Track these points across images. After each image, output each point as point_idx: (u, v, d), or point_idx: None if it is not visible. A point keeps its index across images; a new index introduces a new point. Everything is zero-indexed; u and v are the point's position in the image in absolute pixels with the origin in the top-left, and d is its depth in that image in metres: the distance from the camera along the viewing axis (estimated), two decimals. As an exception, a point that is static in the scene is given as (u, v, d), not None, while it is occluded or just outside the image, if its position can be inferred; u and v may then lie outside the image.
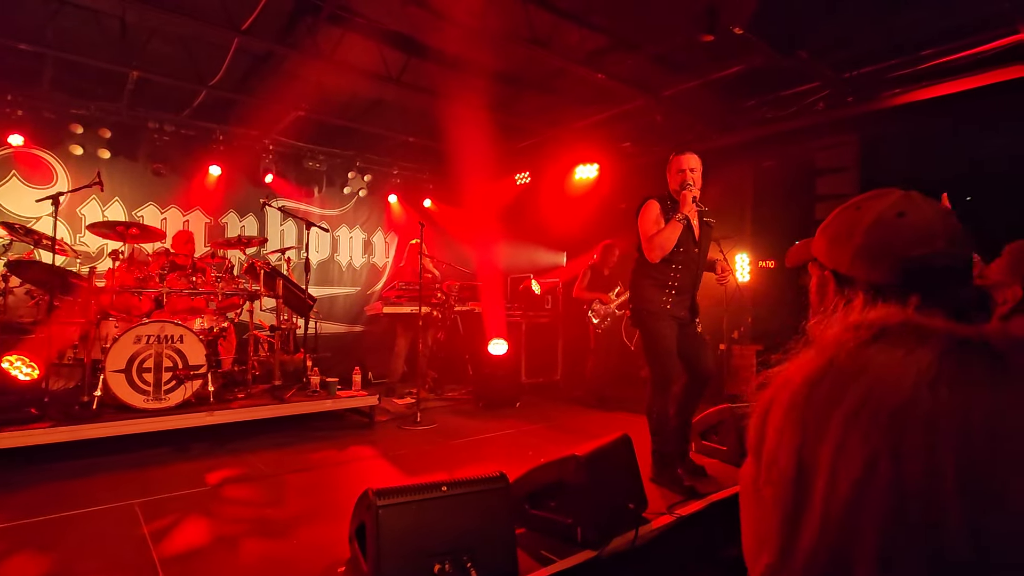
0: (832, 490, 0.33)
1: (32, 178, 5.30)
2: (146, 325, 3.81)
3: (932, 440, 0.30)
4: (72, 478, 3.26)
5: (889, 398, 0.32)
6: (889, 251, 0.80)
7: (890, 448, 0.31)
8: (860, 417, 0.33)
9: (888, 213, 0.81)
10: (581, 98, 5.82)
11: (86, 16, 4.19)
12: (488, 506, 2.03)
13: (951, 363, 0.32)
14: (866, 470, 0.32)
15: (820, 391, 0.36)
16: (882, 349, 0.35)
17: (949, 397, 0.31)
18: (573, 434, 4.48)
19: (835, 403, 0.34)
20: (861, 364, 0.35)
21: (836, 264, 0.85)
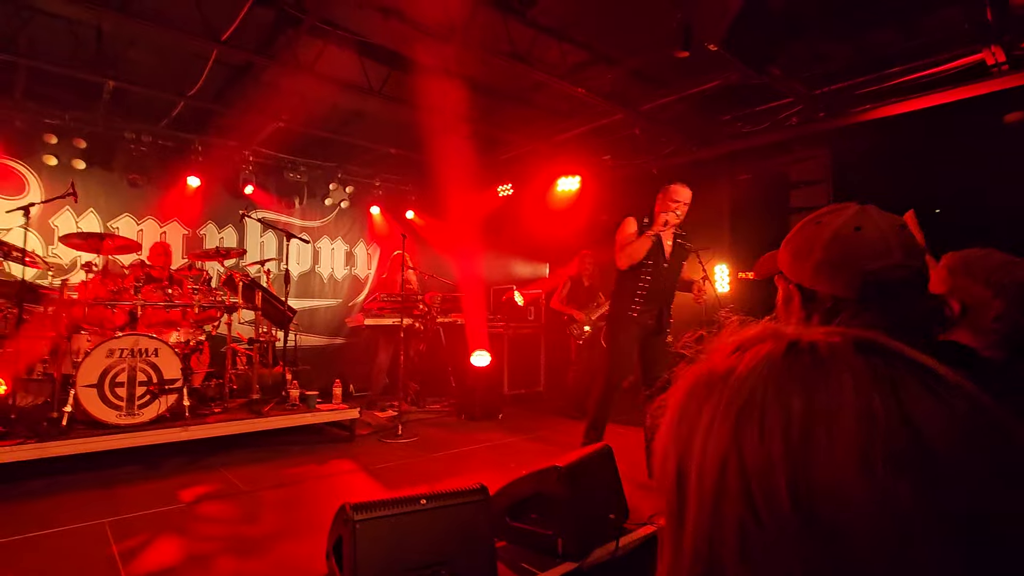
0: (700, 494, 0.35)
1: (3, 189, 5.18)
2: (120, 339, 3.73)
3: (763, 437, 0.33)
4: (39, 497, 3.16)
5: (735, 402, 0.35)
6: (847, 265, 0.82)
7: (736, 448, 0.34)
8: (715, 421, 0.36)
9: (845, 228, 0.84)
10: (562, 111, 5.89)
11: (60, 25, 4.13)
12: (468, 519, 2.02)
13: (781, 364, 0.36)
14: (721, 469, 0.34)
15: (691, 402, 0.39)
16: (735, 359, 0.38)
17: (774, 397, 0.34)
18: (555, 445, 4.47)
19: (699, 411, 0.37)
20: (718, 374, 0.38)
21: (799, 278, 0.87)
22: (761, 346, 0.38)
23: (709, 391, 0.38)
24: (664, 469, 0.40)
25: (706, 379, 0.39)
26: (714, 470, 0.34)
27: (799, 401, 0.33)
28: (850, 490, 0.30)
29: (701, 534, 0.35)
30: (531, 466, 2.55)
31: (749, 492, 0.33)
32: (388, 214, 7.82)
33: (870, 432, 0.31)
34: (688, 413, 0.39)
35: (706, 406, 0.37)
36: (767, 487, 0.32)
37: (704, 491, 0.35)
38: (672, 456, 0.39)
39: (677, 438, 0.39)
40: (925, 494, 0.30)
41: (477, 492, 2.10)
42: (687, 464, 0.37)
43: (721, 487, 0.34)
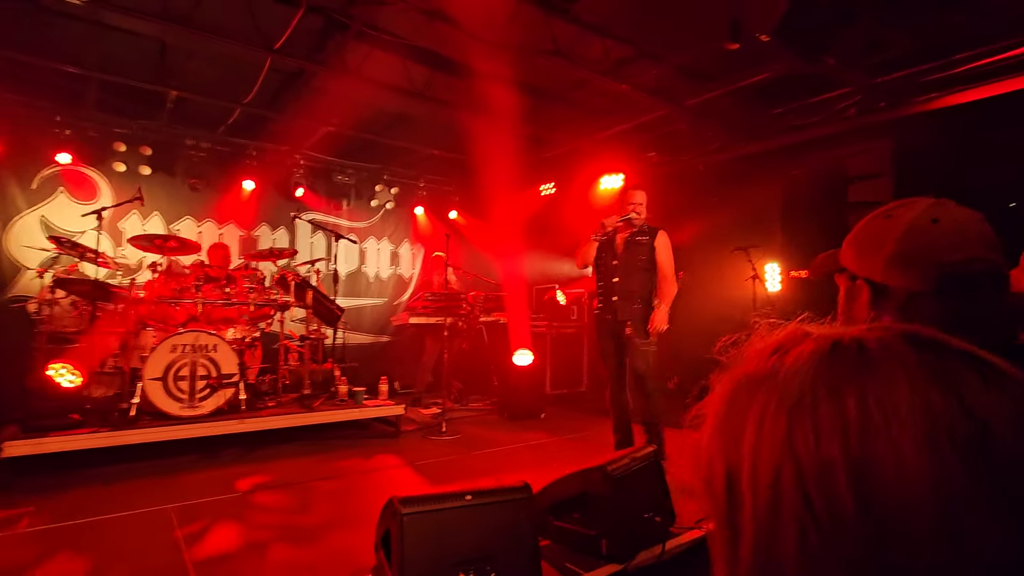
0: (756, 499, 0.35)
1: (78, 194, 5.56)
2: (182, 335, 3.94)
3: (818, 438, 0.33)
4: (111, 482, 3.38)
5: (784, 404, 0.35)
6: (923, 257, 0.78)
7: (789, 450, 0.33)
8: (764, 424, 0.35)
9: (921, 219, 0.80)
10: (605, 109, 5.83)
11: (128, 39, 4.39)
12: (512, 517, 2.03)
13: (828, 363, 0.35)
14: (775, 472, 0.34)
15: (733, 407, 0.38)
16: (777, 360, 0.38)
17: (826, 396, 0.34)
18: (599, 446, 4.42)
19: (744, 415, 0.37)
20: (761, 376, 0.38)
21: (868, 272, 0.83)
22: (803, 346, 0.37)
23: (752, 395, 0.37)
24: (711, 476, 0.39)
25: (747, 383, 0.38)
26: (768, 474, 0.34)
27: (853, 400, 0.33)
28: (915, 486, 0.30)
29: (759, 540, 0.35)
30: (574, 466, 2.54)
31: (807, 494, 0.32)
32: (432, 214, 7.94)
33: (932, 426, 0.31)
34: (732, 418, 0.38)
35: (751, 410, 0.36)
36: (826, 488, 0.32)
37: (759, 496, 0.34)
38: (719, 462, 0.38)
39: (723, 444, 0.38)
40: (993, 483, 0.30)
41: (521, 490, 2.10)
42: (737, 470, 0.36)
43: (777, 491, 0.33)
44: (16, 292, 5.13)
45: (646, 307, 3.76)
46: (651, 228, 3.84)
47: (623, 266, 3.80)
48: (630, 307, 3.75)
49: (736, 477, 0.36)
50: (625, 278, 3.77)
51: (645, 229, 3.84)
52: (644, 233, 3.82)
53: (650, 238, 3.80)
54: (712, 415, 0.40)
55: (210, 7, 4.05)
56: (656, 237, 3.80)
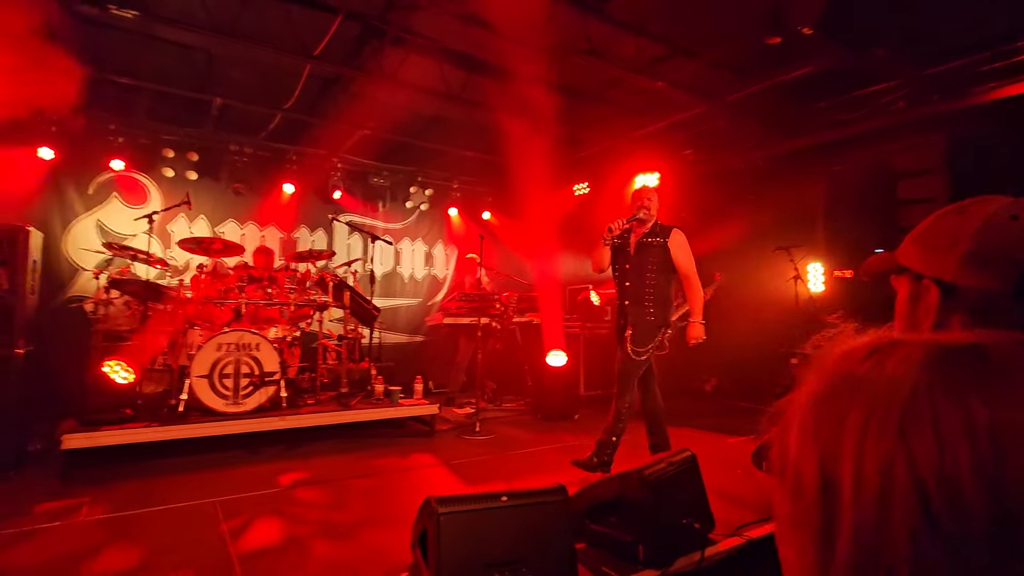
0: (859, 498, 0.34)
1: (130, 199, 5.82)
2: (227, 334, 4.07)
3: (941, 443, 0.32)
4: (160, 475, 3.53)
5: (894, 407, 0.34)
6: (1002, 256, 0.73)
7: (904, 454, 0.33)
8: (869, 426, 0.35)
9: (999, 216, 0.75)
10: (639, 107, 5.76)
11: (177, 50, 4.58)
12: (548, 519, 2.02)
13: (943, 370, 0.35)
14: (885, 477, 0.33)
15: (828, 408, 0.38)
16: (874, 365, 0.37)
17: (946, 401, 0.33)
18: (633, 449, 4.36)
19: (843, 416, 0.36)
20: (859, 379, 0.37)
21: (938, 272, 0.79)
22: (906, 351, 0.36)
23: (851, 399, 0.36)
24: (799, 479, 0.38)
25: (842, 386, 0.38)
26: (876, 480, 0.33)
27: (979, 405, 0.32)
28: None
29: (861, 544, 0.34)
30: (611, 468, 2.51)
31: (926, 497, 0.32)
32: (465, 215, 8.00)
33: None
34: (826, 422, 0.37)
35: (851, 415, 0.36)
36: (952, 496, 0.31)
37: (864, 502, 0.34)
38: (810, 466, 0.37)
39: (816, 448, 0.37)
40: None
41: (557, 492, 2.09)
42: (835, 474, 0.36)
43: (886, 497, 0.33)
44: (74, 292, 5.41)
45: (661, 313, 3.58)
46: (664, 228, 3.63)
47: (633, 270, 3.63)
48: (640, 312, 3.58)
49: (833, 481, 0.36)
50: (636, 282, 3.61)
51: (657, 229, 3.63)
52: (656, 234, 3.62)
53: (663, 239, 3.60)
54: (800, 417, 0.40)
55: (253, 17, 4.19)
56: (669, 237, 3.58)
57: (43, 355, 4.10)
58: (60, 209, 5.47)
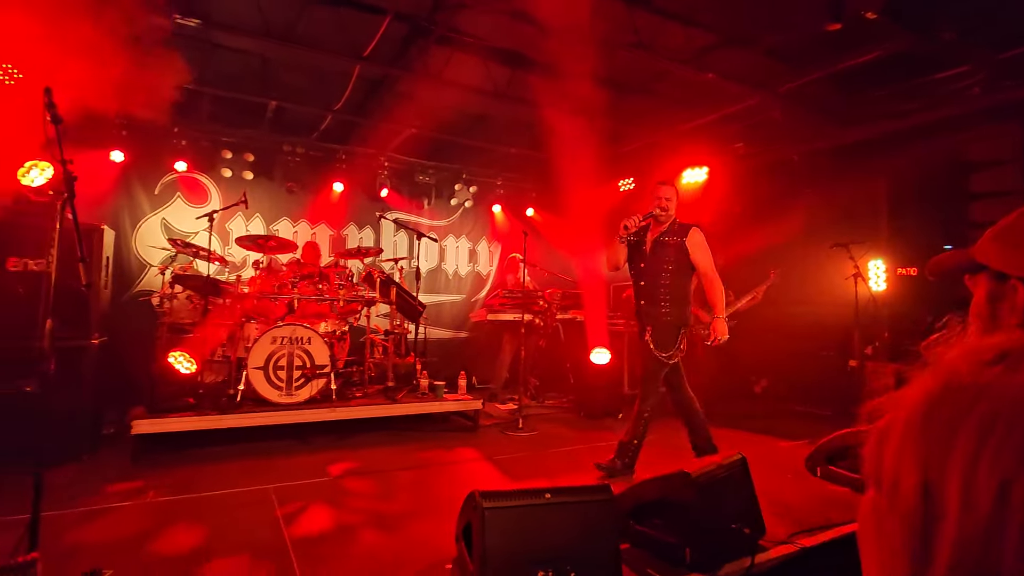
0: (968, 512, 0.32)
1: (192, 198, 6.14)
2: (280, 328, 4.24)
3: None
4: (219, 461, 3.71)
5: (1020, 421, 0.32)
6: None
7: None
8: (989, 439, 0.32)
9: None
10: (687, 99, 5.61)
11: (235, 56, 4.78)
12: (592, 518, 2.00)
13: None
14: (1001, 492, 0.31)
15: (940, 413, 0.35)
16: (1004, 372, 0.34)
17: None
18: (678, 450, 4.28)
19: (958, 424, 0.34)
20: (982, 386, 0.34)
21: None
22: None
23: (972, 404, 0.34)
24: (897, 483, 0.36)
25: (965, 389, 0.35)
26: (991, 493, 0.31)
27: None
28: None
29: (965, 559, 0.32)
30: (653, 469, 2.47)
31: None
32: (509, 212, 8.02)
33: None
34: (938, 425, 0.35)
35: (969, 420, 0.33)
36: None
37: (974, 515, 0.32)
38: (912, 468, 0.36)
39: (922, 451, 0.35)
40: None
41: (602, 491, 2.07)
42: (940, 482, 0.34)
43: (1001, 513, 0.31)
44: (142, 287, 5.76)
45: (678, 312, 3.48)
46: (682, 227, 3.53)
47: (649, 269, 3.56)
48: (655, 312, 3.50)
49: (937, 490, 0.34)
50: (651, 282, 3.53)
51: (675, 228, 3.53)
52: (673, 233, 3.52)
53: (680, 238, 3.49)
54: (904, 419, 0.37)
55: (307, 22, 4.33)
56: (688, 236, 3.48)
57: (115, 346, 4.38)
58: (130, 208, 5.82)
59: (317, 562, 2.34)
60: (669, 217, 3.54)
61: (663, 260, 3.50)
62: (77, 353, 3.67)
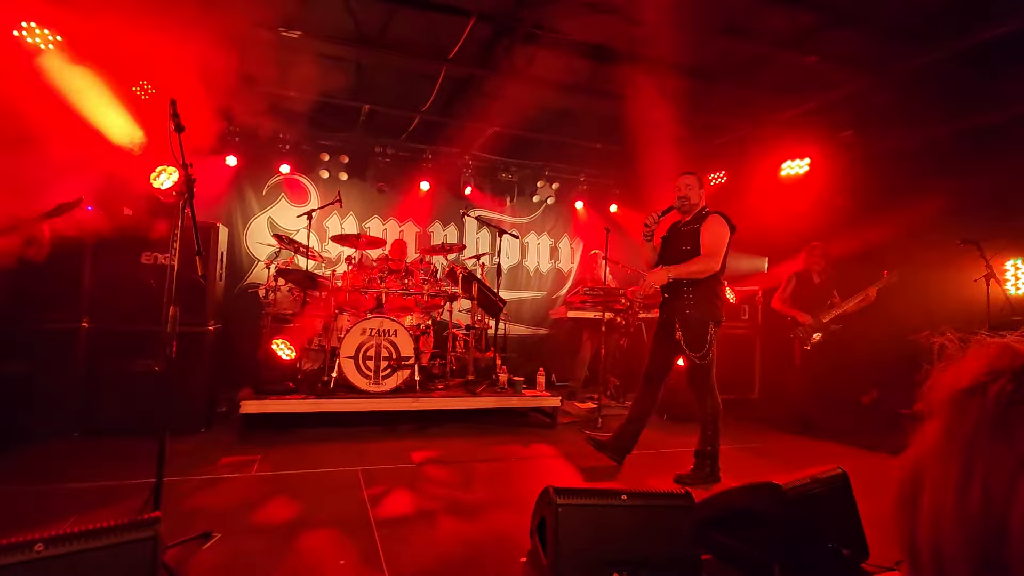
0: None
1: (294, 198, 6.63)
2: (370, 320, 4.47)
3: None
4: (313, 442, 3.98)
5: None
6: None
7: None
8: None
9: None
10: (787, 86, 5.22)
11: (332, 64, 5.08)
12: (670, 523, 1.92)
13: None
14: None
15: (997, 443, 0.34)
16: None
17: None
18: (769, 459, 4.02)
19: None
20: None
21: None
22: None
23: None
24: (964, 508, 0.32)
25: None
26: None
27: None
28: None
29: None
30: (739, 478, 2.32)
31: None
32: (591, 208, 7.91)
33: None
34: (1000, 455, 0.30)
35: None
36: None
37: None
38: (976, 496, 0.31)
39: (985, 479, 0.31)
40: None
41: (682, 497, 1.98)
42: (1005, 514, 0.31)
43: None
44: (251, 280, 6.31)
45: (704, 306, 3.37)
46: (705, 213, 3.45)
47: (668, 257, 3.50)
48: (680, 306, 3.40)
49: (1000, 521, 0.30)
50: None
51: (699, 215, 3.46)
52: (695, 220, 3.46)
53: (699, 225, 3.41)
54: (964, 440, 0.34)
55: (396, 28, 4.51)
56: (705, 222, 3.39)
57: (227, 333, 4.83)
58: (241, 208, 6.39)
59: (398, 542, 2.44)
60: (692, 208, 3.48)
61: (679, 248, 3.44)
62: (196, 338, 4.08)
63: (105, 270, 3.94)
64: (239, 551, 2.30)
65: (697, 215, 3.48)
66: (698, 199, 3.50)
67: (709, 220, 3.40)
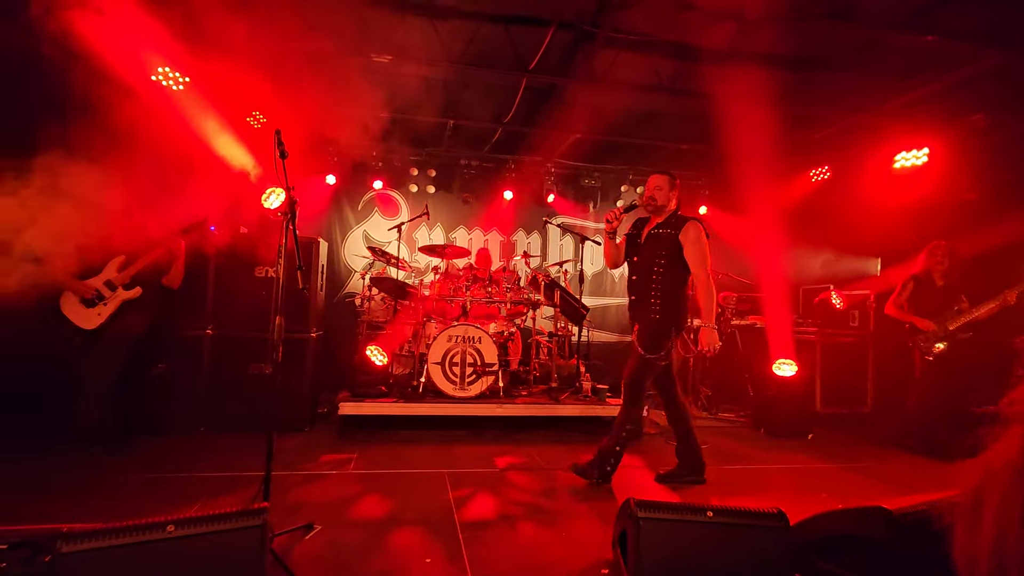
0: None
1: (386, 212, 7.02)
2: (455, 327, 4.62)
3: None
4: (403, 443, 4.17)
5: None
6: None
7: None
8: None
9: None
10: (898, 70, 4.75)
11: (419, 83, 5.33)
12: (761, 545, 1.81)
13: None
14: None
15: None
16: None
17: None
18: (885, 482, 3.64)
19: None
20: None
21: None
22: None
23: None
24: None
25: None
26: None
27: None
28: None
29: None
30: (845, 501, 2.13)
31: None
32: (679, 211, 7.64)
33: None
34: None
35: None
36: None
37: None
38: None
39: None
40: None
41: (774, 517, 1.86)
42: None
43: None
44: (348, 290, 6.75)
45: (670, 312, 3.25)
46: (679, 219, 3.33)
47: (641, 263, 3.40)
48: (645, 310, 3.31)
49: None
50: (642, 277, 3.36)
51: (672, 220, 3.35)
52: (668, 225, 3.34)
53: (674, 231, 3.28)
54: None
55: (479, 44, 4.66)
56: (683, 230, 3.26)
57: (327, 339, 5.21)
58: (339, 222, 6.87)
59: (481, 545, 2.50)
60: (661, 209, 3.40)
61: (655, 254, 3.33)
62: (301, 344, 4.44)
63: (225, 282, 4.41)
64: (337, 543, 2.46)
65: (672, 219, 3.38)
66: (666, 200, 3.40)
67: (689, 229, 3.28)
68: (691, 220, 3.32)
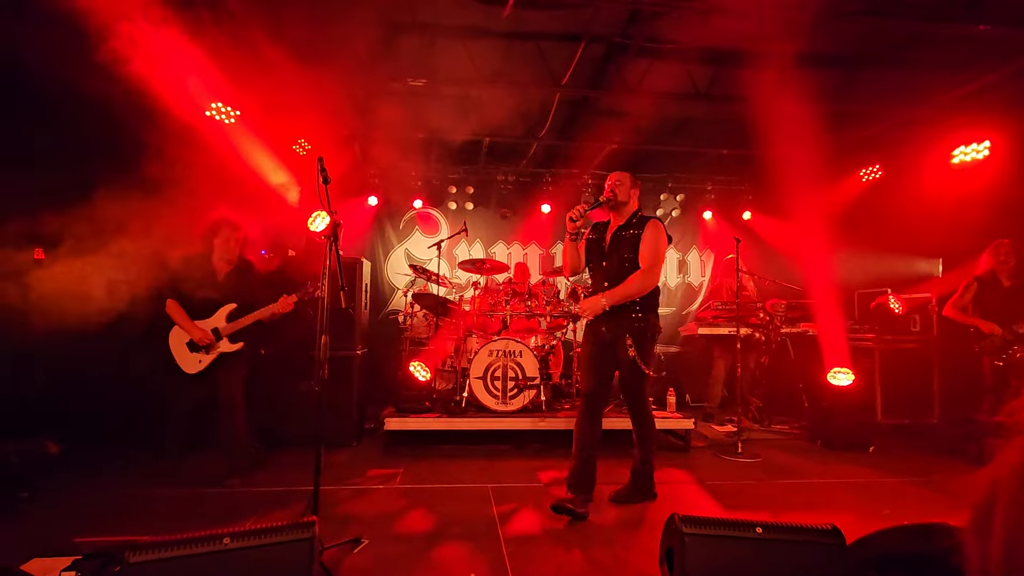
0: None
1: (426, 230, 7.18)
2: (496, 342, 4.65)
3: None
4: (447, 457, 4.21)
5: None
6: None
7: None
8: None
9: None
10: (951, 62, 4.53)
11: (451, 102, 5.45)
12: (814, 563, 1.73)
13: None
14: None
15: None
16: None
17: None
18: (952, 497, 3.41)
19: None
20: None
21: None
22: None
23: None
24: None
25: None
26: None
27: None
28: None
29: None
30: (910, 517, 2.01)
31: None
32: (721, 217, 7.49)
33: None
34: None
35: None
36: None
37: None
38: None
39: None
40: None
41: (828, 534, 1.78)
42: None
43: None
44: (392, 307, 6.92)
45: (648, 316, 3.16)
46: (642, 219, 3.23)
47: (611, 268, 3.23)
48: (625, 319, 3.14)
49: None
50: (615, 283, 3.17)
51: (635, 222, 3.23)
52: (631, 227, 3.22)
53: (637, 231, 3.19)
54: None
55: (512, 61, 4.74)
56: (644, 228, 3.17)
57: (372, 356, 5.33)
58: (382, 242, 7.07)
59: (526, 560, 2.49)
60: (620, 206, 3.28)
61: (622, 258, 3.20)
62: (346, 361, 4.57)
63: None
64: (384, 556, 2.51)
65: (634, 219, 3.25)
66: (626, 197, 3.26)
67: (650, 228, 3.18)
68: (652, 219, 3.25)
